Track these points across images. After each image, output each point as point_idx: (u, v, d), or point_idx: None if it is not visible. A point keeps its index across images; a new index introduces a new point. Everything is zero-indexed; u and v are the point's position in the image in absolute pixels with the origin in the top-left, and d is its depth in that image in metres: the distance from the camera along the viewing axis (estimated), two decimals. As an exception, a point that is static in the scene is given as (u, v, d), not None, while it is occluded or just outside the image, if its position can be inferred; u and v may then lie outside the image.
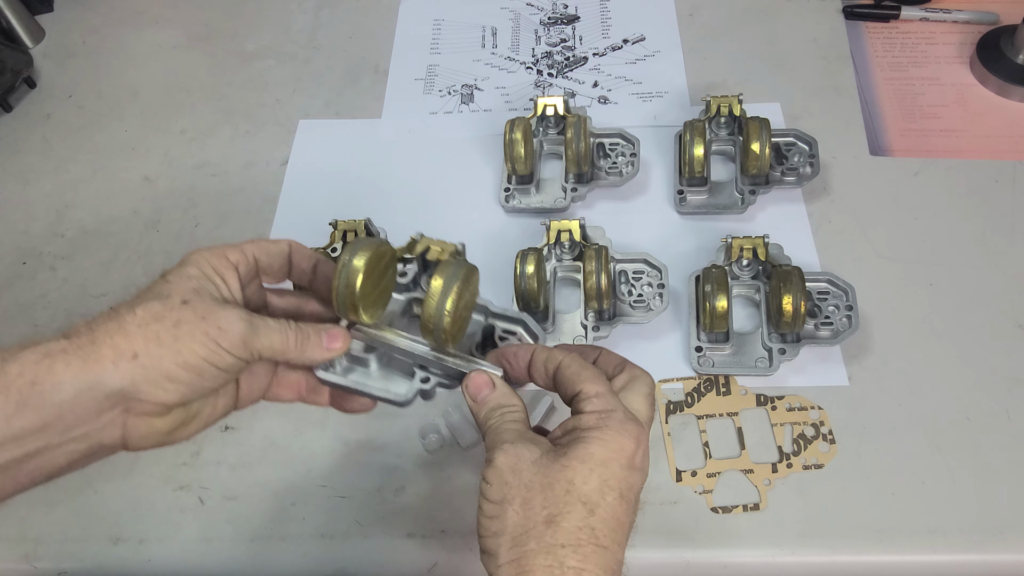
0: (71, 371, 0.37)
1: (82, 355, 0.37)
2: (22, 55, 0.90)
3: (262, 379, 0.48)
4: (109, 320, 0.39)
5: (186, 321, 0.39)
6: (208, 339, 0.40)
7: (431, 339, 0.46)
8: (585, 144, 0.72)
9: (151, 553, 0.59)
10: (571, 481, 0.39)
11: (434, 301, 0.44)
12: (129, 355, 0.38)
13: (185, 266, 0.43)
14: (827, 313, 0.64)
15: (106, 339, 0.38)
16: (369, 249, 0.44)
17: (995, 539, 0.56)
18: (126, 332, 0.38)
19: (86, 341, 0.38)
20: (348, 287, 0.43)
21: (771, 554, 0.57)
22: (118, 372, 0.38)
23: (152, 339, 0.39)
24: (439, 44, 0.92)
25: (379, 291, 0.46)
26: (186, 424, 0.43)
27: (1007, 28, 0.83)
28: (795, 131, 0.75)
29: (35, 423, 0.37)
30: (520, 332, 0.49)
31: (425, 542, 0.59)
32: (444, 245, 0.49)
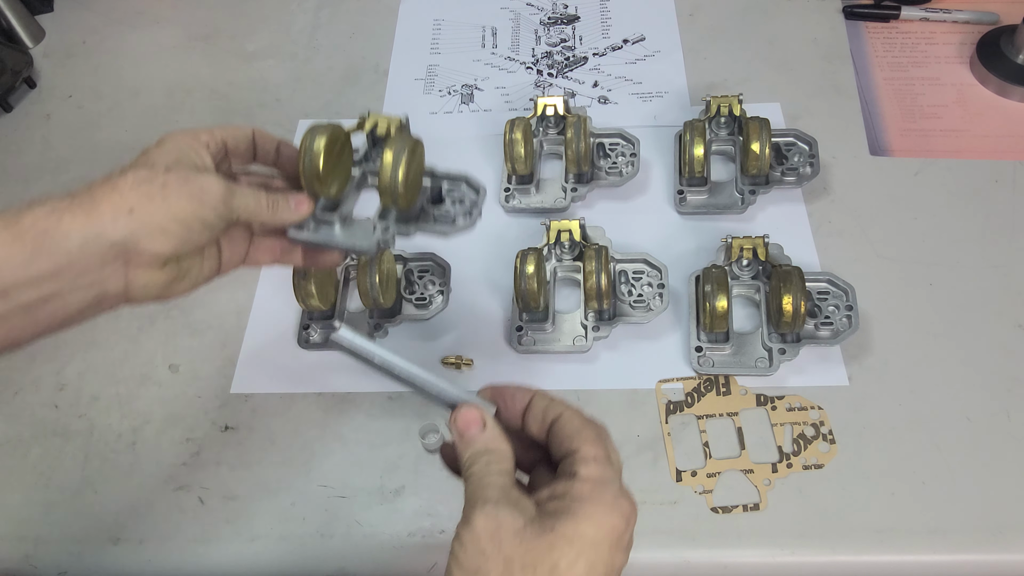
0: (77, 223, 0.42)
1: (85, 209, 0.42)
2: (22, 55, 0.90)
3: (240, 245, 0.52)
4: (104, 183, 0.44)
5: (172, 183, 0.44)
6: (193, 197, 0.45)
7: (388, 202, 0.54)
8: (585, 144, 0.72)
9: (151, 553, 0.59)
10: (556, 564, 0.36)
11: (388, 171, 0.52)
12: (126, 210, 0.43)
13: (163, 144, 0.48)
14: (827, 313, 0.64)
15: (104, 197, 0.43)
16: (326, 132, 0.52)
17: (995, 539, 0.56)
18: (121, 191, 0.43)
19: (86, 199, 0.43)
20: (312, 166, 0.51)
21: (771, 554, 0.57)
22: (117, 225, 0.43)
23: (144, 196, 0.43)
24: (439, 44, 0.92)
25: (339, 168, 0.54)
26: (179, 280, 0.47)
27: (1007, 28, 0.83)
28: (795, 131, 0.75)
29: (48, 268, 0.42)
30: (464, 186, 0.58)
31: (425, 542, 0.59)
32: (390, 119, 0.59)
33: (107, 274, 0.44)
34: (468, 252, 0.73)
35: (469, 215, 0.59)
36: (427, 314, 0.67)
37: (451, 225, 0.58)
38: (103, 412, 0.66)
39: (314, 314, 0.67)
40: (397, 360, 0.46)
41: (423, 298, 0.68)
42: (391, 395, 0.66)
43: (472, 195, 0.60)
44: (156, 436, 0.65)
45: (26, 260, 0.41)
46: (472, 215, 0.59)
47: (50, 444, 0.65)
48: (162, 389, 0.67)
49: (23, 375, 0.69)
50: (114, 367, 0.69)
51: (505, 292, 0.70)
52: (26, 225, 0.41)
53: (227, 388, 0.67)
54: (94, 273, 0.43)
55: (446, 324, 0.69)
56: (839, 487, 0.59)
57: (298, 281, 0.62)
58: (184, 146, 0.48)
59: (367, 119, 0.59)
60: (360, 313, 0.68)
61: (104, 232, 0.42)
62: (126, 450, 0.64)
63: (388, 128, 0.59)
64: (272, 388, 0.67)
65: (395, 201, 0.54)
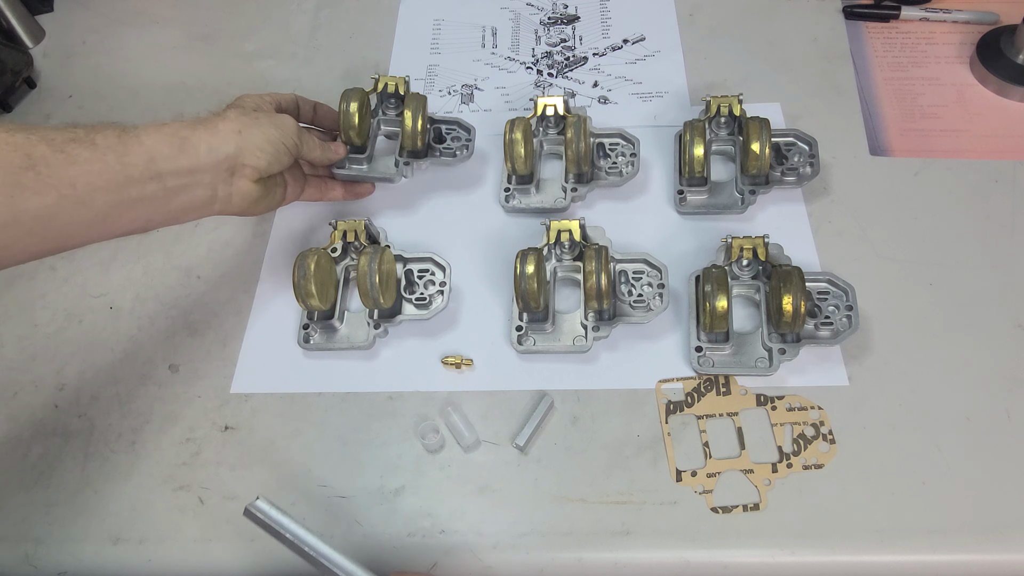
0: (205, 136, 0.58)
1: (208, 128, 0.59)
2: (22, 55, 0.90)
3: (299, 183, 0.69)
4: (216, 115, 0.60)
5: (263, 117, 0.62)
6: (277, 127, 0.62)
7: (409, 144, 0.74)
8: (585, 144, 0.72)
9: (151, 553, 0.59)
10: None
11: (409, 121, 0.73)
12: (235, 131, 0.59)
13: (243, 99, 0.65)
14: (827, 313, 0.64)
15: (219, 121, 0.60)
16: (356, 96, 0.72)
17: (995, 539, 0.56)
18: (230, 119, 0.60)
19: (208, 122, 0.59)
20: (348, 122, 0.72)
21: (771, 554, 0.57)
22: (229, 140, 0.59)
23: (246, 124, 0.60)
24: (439, 44, 0.92)
25: (364, 121, 0.74)
26: (262, 199, 0.63)
27: (1007, 28, 0.83)
28: (795, 131, 0.75)
29: (186, 165, 0.57)
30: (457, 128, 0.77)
31: (425, 542, 0.59)
32: (396, 79, 0.78)
33: (220, 178, 0.59)
34: (468, 252, 0.73)
35: (466, 148, 0.77)
36: (427, 314, 0.67)
37: (453, 157, 0.76)
38: (103, 412, 0.66)
39: (314, 314, 0.67)
40: (309, 538, 0.49)
41: (423, 298, 0.68)
42: (391, 395, 0.66)
43: (465, 134, 0.78)
44: (156, 436, 0.65)
45: (174, 155, 0.56)
46: (469, 148, 0.76)
47: (50, 444, 0.65)
48: (162, 389, 0.67)
49: (23, 375, 0.69)
50: (114, 367, 0.69)
51: (505, 292, 0.70)
52: (169, 132, 0.57)
53: (227, 388, 0.67)
54: (213, 174, 0.58)
55: (446, 324, 0.69)
56: (839, 487, 0.59)
57: (298, 281, 0.62)
58: (259, 101, 0.65)
59: (378, 80, 0.78)
60: (360, 313, 0.68)
61: (222, 145, 0.58)
62: (126, 450, 0.64)
63: (396, 86, 0.77)
64: (272, 388, 0.67)
65: (414, 143, 0.74)
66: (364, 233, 0.69)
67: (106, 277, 0.75)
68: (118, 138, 0.55)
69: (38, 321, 0.72)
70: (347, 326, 0.68)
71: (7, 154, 0.49)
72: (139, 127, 0.57)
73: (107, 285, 0.74)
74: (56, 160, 0.51)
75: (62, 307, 0.73)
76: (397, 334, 0.68)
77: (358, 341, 0.67)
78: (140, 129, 0.56)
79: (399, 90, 0.77)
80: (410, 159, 0.75)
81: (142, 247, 0.76)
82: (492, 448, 0.62)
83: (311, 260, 0.63)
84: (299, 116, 0.71)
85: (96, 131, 0.54)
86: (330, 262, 0.67)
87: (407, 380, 0.66)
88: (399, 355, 0.68)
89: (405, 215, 0.77)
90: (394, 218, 0.76)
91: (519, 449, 0.62)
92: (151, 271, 0.75)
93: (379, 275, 0.62)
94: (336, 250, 0.69)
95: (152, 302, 0.72)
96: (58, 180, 0.51)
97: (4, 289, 0.74)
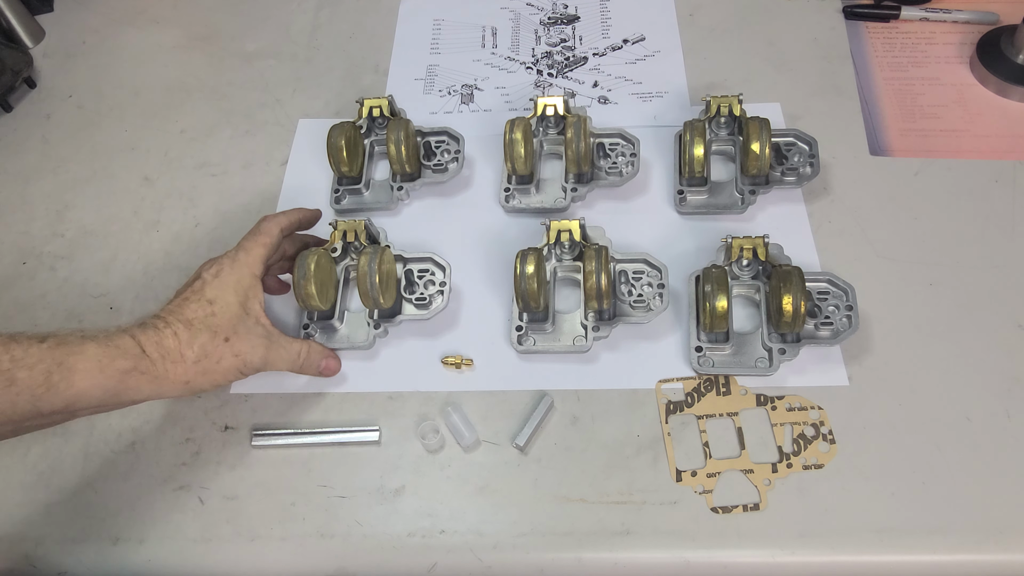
0: (150, 387, 0.54)
1: (158, 379, 0.54)
2: (22, 55, 0.90)
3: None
4: (175, 350, 0.55)
5: (225, 358, 0.57)
6: (236, 370, 0.58)
7: (399, 169, 0.74)
8: (585, 144, 0.72)
9: (151, 553, 0.59)
10: None
11: (393, 151, 0.73)
12: (183, 382, 0.55)
13: (223, 289, 0.59)
14: (827, 313, 0.64)
15: (172, 368, 0.55)
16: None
17: (995, 539, 0.56)
18: (186, 366, 0.55)
19: (160, 367, 0.54)
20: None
21: (771, 554, 0.57)
22: (174, 391, 0.55)
23: (201, 372, 0.56)
24: (439, 44, 0.92)
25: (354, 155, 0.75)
26: None
27: (1007, 28, 0.83)
28: (795, 131, 0.75)
29: (113, 405, 0.53)
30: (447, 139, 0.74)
31: (425, 542, 0.59)
32: (380, 101, 0.78)
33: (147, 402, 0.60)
34: (468, 252, 0.73)
35: (456, 161, 0.76)
36: (427, 314, 0.67)
37: (444, 172, 0.76)
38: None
39: (314, 314, 0.67)
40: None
41: (423, 298, 0.68)
42: (391, 395, 0.66)
43: (455, 144, 0.77)
44: (156, 436, 0.65)
45: (102, 400, 0.52)
46: (459, 160, 0.76)
47: (50, 444, 0.65)
48: (162, 389, 0.67)
49: (23, 375, 0.69)
50: (114, 367, 0.69)
51: (505, 292, 0.70)
52: (111, 373, 0.51)
53: (227, 388, 0.67)
54: (139, 404, 0.57)
55: (446, 324, 0.69)
56: (839, 487, 0.59)
57: (298, 281, 0.62)
58: (241, 293, 0.59)
59: (363, 105, 0.78)
60: (360, 313, 0.68)
61: (162, 394, 0.55)
62: (126, 450, 0.64)
63: (381, 109, 0.78)
64: (272, 388, 0.67)
65: (403, 168, 0.74)
66: (364, 233, 0.69)
67: (106, 277, 0.74)
68: (45, 378, 0.49)
69: (38, 321, 0.72)
70: (347, 326, 0.68)
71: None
72: (79, 354, 0.50)
73: (107, 285, 0.74)
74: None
75: (62, 307, 0.73)
76: (397, 334, 0.68)
77: (358, 341, 0.67)
78: (77, 360, 0.50)
79: (384, 113, 0.77)
80: (403, 184, 0.76)
81: (142, 247, 0.76)
82: (492, 448, 0.62)
83: (311, 260, 0.63)
84: (289, 235, 0.66)
85: (23, 365, 0.48)
86: (330, 262, 0.67)
87: (407, 380, 0.66)
88: (399, 355, 0.68)
89: (405, 215, 0.77)
90: (393, 218, 0.76)
91: (519, 449, 0.62)
92: (151, 271, 0.75)
93: (379, 275, 0.62)
94: (336, 250, 0.69)
95: (152, 302, 0.72)
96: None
97: (4, 289, 0.74)
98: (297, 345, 0.62)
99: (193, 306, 0.57)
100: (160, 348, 0.54)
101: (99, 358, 0.51)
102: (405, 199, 0.76)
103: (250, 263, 0.60)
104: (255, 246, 0.61)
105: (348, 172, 0.75)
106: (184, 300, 0.58)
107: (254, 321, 0.59)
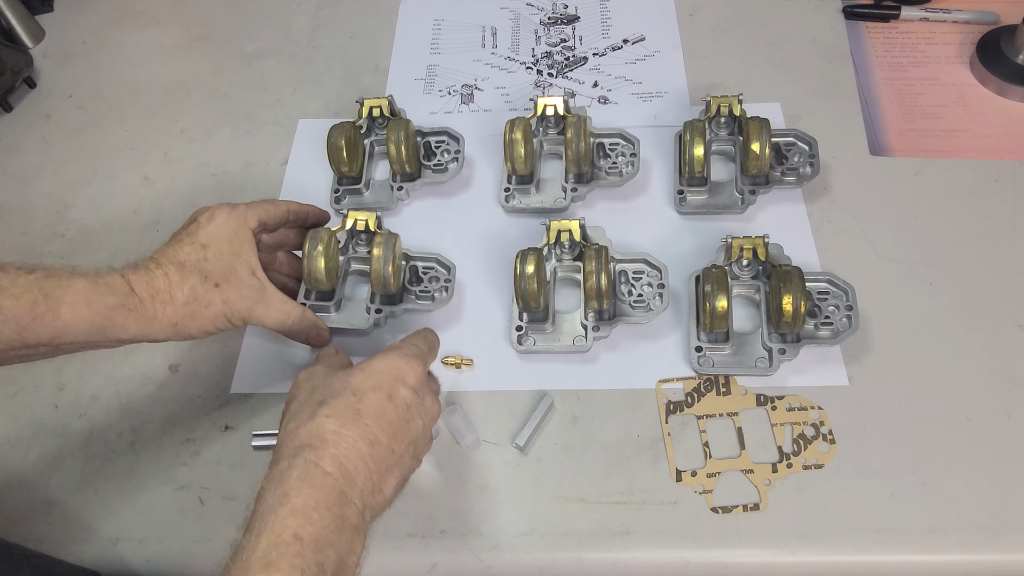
0: (137, 325, 0.53)
1: (146, 317, 0.53)
2: (22, 55, 0.90)
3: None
4: (164, 291, 0.54)
5: (213, 303, 0.56)
6: (223, 318, 0.57)
7: (399, 169, 0.75)
8: (585, 144, 0.72)
9: (151, 553, 0.59)
10: (349, 381, 0.50)
11: (393, 151, 0.73)
12: (172, 324, 0.55)
13: (216, 234, 0.58)
14: (827, 313, 0.64)
15: (161, 308, 0.54)
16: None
17: (995, 539, 0.56)
18: (175, 307, 0.54)
19: (149, 306, 0.53)
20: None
21: (771, 554, 0.57)
22: (162, 332, 0.55)
23: (189, 315, 0.55)
24: (439, 44, 0.92)
25: (354, 155, 0.75)
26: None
27: (1007, 28, 0.83)
28: (795, 131, 0.75)
29: (99, 341, 0.53)
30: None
31: (425, 542, 0.59)
32: (380, 101, 0.78)
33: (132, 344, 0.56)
34: (468, 252, 0.73)
35: (456, 161, 0.77)
36: (430, 306, 0.67)
37: (444, 172, 0.77)
38: (103, 412, 0.66)
39: (312, 294, 0.67)
40: None
41: (427, 291, 0.68)
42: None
43: (455, 144, 0.78)
44: (156, 436, 0.65)
45: (88, 335, 0.51)
46: (459, 161, 0.77)
47: (50, 444, 0.65)
48: (162, 389, 0.67)
49: (23, 375, 0.69)
50: (114, 367, 0.69)
51: (505, 292, 0.70)
52: (99, 308, 0.51)
53: (227, 388, 0.67)
54: (123, 344, 0.55)
55: (446, 324, 0.69)
56: (839, 487, 0.59)
57: (309, 253, 0.64)
58: (236, 243, 0.58)
59: (363, 105, 0.78)
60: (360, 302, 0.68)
61: (151, 335, 0.54)
62: (126, 450, 0.64)
63: (381, 109, 0.78)
64: (272, 388, 0.67)
65: (402, 168, 0.75)
66: (376, 222, 0.69)
67: (106, 277, 0.74)
68: (31, 308, 0.49)
69: (38, 321, 0.72)
70: (345, 312, 0.68)
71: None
72: (67, 287, 0.50)
73: (107, 285, 0.74)
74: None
75: (62, 307, 0.73)
76: (398, 333, 0.68)
77: (357, 322, 0.67)
78: (64, 293, 0.50)
79: (384, 113, 0.78)
80: (403, 184, 0.76)
81: (142, 247, 0.76)
82: (492, 448, 0.62)
83: (324, 235, 0.64)
84: (287, 224, 0.65)
85: (9, 293, 0.48)
86: (337, 244, 0.67)
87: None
88: (399, 355, 0.68)
89: (404, 215, 0.77)
90: (393, 218, 0.76)
91: (519, 449, 0.62)
92: (151, 271, 0.74)
93: (392, 263, 0.64)
94: (340, 242, 0.69)
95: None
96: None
97: (4, 289, 0.74)
98: (290, 306, 0.61)
99: (186, 248, 0.57)
100: (150, 288, 0.54)
101: (87, 292, 0.51)
102: (405, 199, 0.76)
103: (248, 216, 0.60)
104: (256, 204, 0.61)
105: (348, 172, 0.75)
106: (178, 242, 0.57)
107: (248, 272, 0.59)
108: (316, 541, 0.42)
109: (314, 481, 0.44)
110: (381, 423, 0.49)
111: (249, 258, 0.59)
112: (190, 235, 0.58)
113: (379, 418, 0.49)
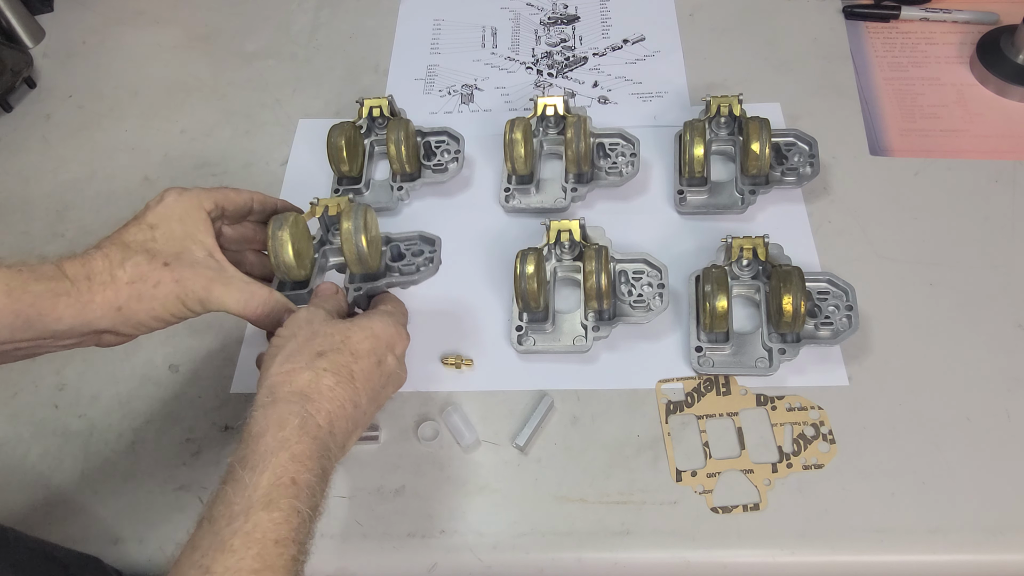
0: (71, 311, 0.48)
1: (81, 301, 0.49)
2: (22, 55, 0.90)
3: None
4: (103, 271, 0.50)
5: (164, 283, 0.51)
6: (177, 300, 0.52)
7: (399, 168, 0.74)
8: (585, 144, 0.72)
9: (151, 553, 0.59)
10: (348, 336, 0.52)
11: (393, 150, 0.72)
12: (115, 307, 0.50)
13: (167, 214, 0.54)
14: (827, 313, 0.64)
15: (100, 290, 0.49)
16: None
17: (995, 539, 0.56)
18: (116, 288, 0.50)
19: (84, 289, 0.49)
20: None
21: (771, 554, 0.57)
22: (105, 318, 0.50)
23: (135, 296, 0.50)
24: (439, 44, 0.92)
25: (354, 155, 0.74)
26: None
27: (1007, 28, 0.83)
28: (795, 131, 0.75)
29: (33, 336, 0.48)
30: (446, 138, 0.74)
31: (425, 542, 0.59)
32: (380, 101, 0.77)
33: (83, 340, 0.51)
34: (468, 252, 0.73)
35: (456, 161, 0.77)
36: (416, 278, 0.64)
37: (444, 172, 0.76)
38: (103, 412, 0.66)
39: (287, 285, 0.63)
40: None
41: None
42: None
43: (455, 144, 0.77)
44: (156, 436, 0.65)
45: (14, 326, 0.47)
46: (459, 160, 0.76)
47: (50, 444, 0.65)
48: (162, 389, 0.67)
49: (23, 375, 0.69)
50: (114, 367, 0.69)
51: (505, 292, 0.70)
52: (25, 303, 0.47)
53: (227, 388, 0.67)
54: (73, 340, 0.51)
55: (446, 324, 0.69)
56: (839, 487, 0.59)
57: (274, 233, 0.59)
58: (188, 224, 0.54)
59: (363, 105, 0.78)
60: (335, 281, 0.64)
61: (91, 321, 0.50)
62: (126, 450, 0.64)
63: (381, 109, 0.77)
64: (272, 388, 0.66)
65: (402, 168, 0.74)
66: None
67: (106, 277, 0.74)
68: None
69: (38, 321, 0.72)
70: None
71: None
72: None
73: (107, 285, 0.74)
74: None
75: (62, 307, 0.73)
76: (397, 334, 0.68)
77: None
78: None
79: (384, 113, 0.78)
80: (403, 183, 0.76)
81: (142, 247, 0.76)
82: (492, 448, 0.62)
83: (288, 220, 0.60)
84: (251, 215, 0.61)
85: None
86: (306, 228, 0.62)
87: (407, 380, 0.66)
88: (399, 355, 0.68)
89: (405, 215, 0.77)
90: (393, 218, 0.76)
91: (519, 449, 0.62)
92: (151, 271, 0.74)
93: (365, 237, 0.60)
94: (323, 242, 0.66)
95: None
96: None
97: (4, 289, 0.74)
98: (255, 286, 0.55)
99: (132, 230, 0.53)
100: (85, 269, 0.50)
101: (7, 281, 0.47)
102: (405, 199, 0.76)
103: (202, 197, 0.56)
104: (213, 189, 0.57)
105: (348, 172, 0.75)
106: (124, 226, 0.54)
107: (204, 252, 0.54)
108: (308, 487, 0.45)
109: (311, 432, 0.47)
110: (367, 387, 0.52)
111: (204, 239, 0.54)
112: (137, 218, 0.54)
113: (367, 382, 0.52)
